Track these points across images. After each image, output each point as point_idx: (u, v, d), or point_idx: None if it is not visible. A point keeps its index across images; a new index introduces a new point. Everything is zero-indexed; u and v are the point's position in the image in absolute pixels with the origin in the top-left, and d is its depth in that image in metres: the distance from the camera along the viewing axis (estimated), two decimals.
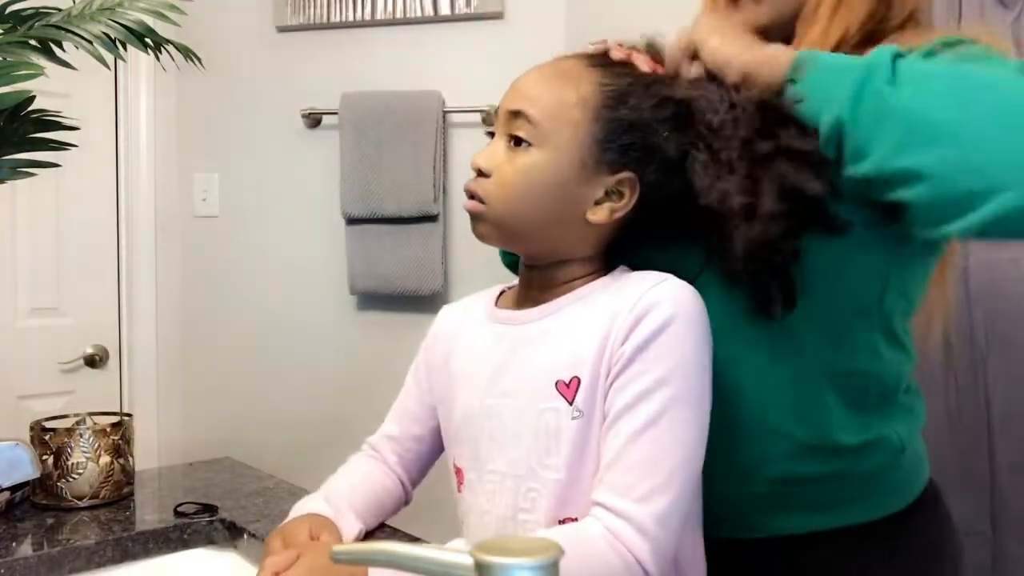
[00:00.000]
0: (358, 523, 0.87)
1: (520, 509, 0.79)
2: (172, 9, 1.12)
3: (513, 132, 0.81)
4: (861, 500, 0.87)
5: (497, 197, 0.81)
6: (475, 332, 0.88)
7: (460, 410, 0.87)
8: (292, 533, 0.81)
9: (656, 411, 0.73)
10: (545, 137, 0.79)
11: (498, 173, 0.81)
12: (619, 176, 0.80)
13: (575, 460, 0.76)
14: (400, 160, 2.02)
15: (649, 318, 0.75)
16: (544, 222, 0.81)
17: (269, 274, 2.21)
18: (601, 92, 0.80)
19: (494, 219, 0.82)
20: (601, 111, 0.79)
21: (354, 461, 0.98)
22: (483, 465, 0.83)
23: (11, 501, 1.10)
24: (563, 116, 0.79)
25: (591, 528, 0.72)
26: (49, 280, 2.11)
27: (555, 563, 0.43)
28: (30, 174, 1.11)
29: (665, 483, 0.72)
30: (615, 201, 0.81)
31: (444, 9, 2.06)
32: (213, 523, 1.08)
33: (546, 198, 0.80)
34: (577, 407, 0.76)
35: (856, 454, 0.85)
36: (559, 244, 0.83)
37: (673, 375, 0.74)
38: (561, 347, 0.79)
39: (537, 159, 0.79)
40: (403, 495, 0.98)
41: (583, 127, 0.79)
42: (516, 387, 0.81)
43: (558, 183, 0.79)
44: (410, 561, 0.50)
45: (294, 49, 2.19)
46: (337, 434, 2.12)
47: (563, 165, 0.79)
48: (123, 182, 2.21)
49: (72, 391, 2.12)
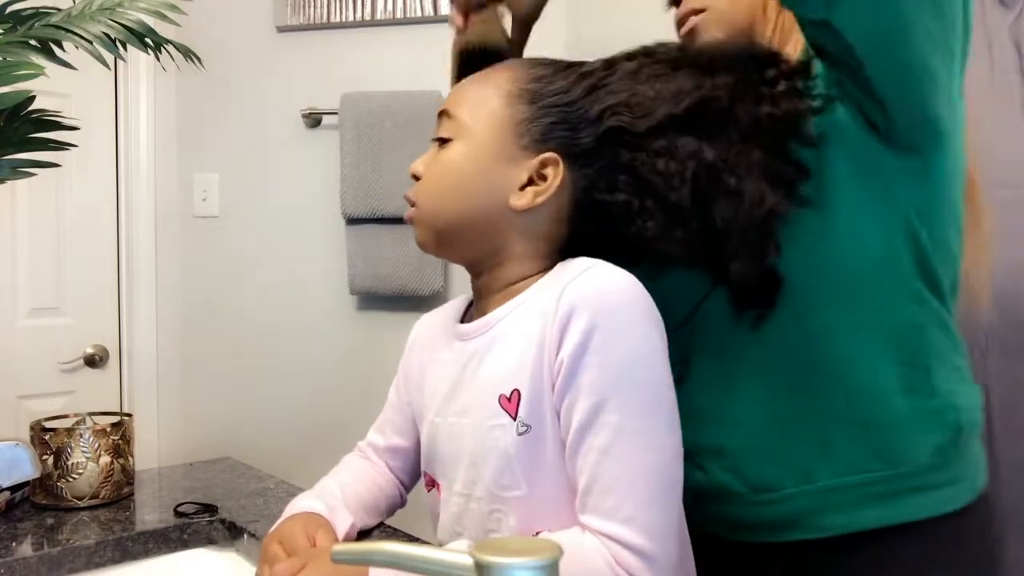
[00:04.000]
0: (350, 517, 0.87)
1: (489, 531, 0.77)
2: (172, 9, 1.12)
3: (440, 134, 0.82)
4: (923, 493, 0.82)
5: (424, 197, 0.82)
6: (440, 347, 0.87)
7: (427, 428, 0.86)
8: (288, 535, 0.81)
9: (617, 422, 0.69)
10: (464, 129, 0.79)
11: (426, 172, 0.82)
12: (542, 157, 0.78)
13: (532, 474, 0.74)
14: (400, 160, 2.01)
15: (573, 324, 0.70)
16: (470, 215, 0.79)
17: (269, 274, 2.21)
18: (518, 78, 0.80)
19: (425, 220, 0.82)
20: (519, 95, 0.79)
21: (346, 461, 0.99)
22: (450, 485, 0.82)
23: (11, 501, 1.10)
24: (481, 107, 0.79)
25: (590, 545, 0.69)
26: (49, 280, 2.11)
27: (555, 563, 0.43)
28: (30, 174, 1.11)
29: (649, 497, 0.69)
30: (538, 184, 0.78)
31: (444, 9, 2.06)
32: (213, 523, 1.08)
33: (468, 188, 0.79)
34: (522, 421, 0.73)
35: (912, 434, 0.82)
36: (489, 241, 0.80)
37: (619, 378, 0.70)
38: (501, 359, 0.77)
39: (457, 151, 0.79)
40: (397, 494, 0.98)
41: (500, 112, 0.79)
42: (469, 406, 0.79)
43: (478, 170, 0.79)
44: (410, 561, 0.50)
45: (294, 49, 2.19)
46: (337, 434, 2.13)
47: (481, 152, 0.79)
48: (123, 182, 2.21)
49: (72, 391, 2.12)
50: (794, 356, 0.83)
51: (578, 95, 0.79)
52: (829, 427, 0.82)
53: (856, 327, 0.82)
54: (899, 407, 0.82)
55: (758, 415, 0.85)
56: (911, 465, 0.81)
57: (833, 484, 0.82)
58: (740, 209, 0.75)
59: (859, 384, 0.82)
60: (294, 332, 2.19)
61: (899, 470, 0.81)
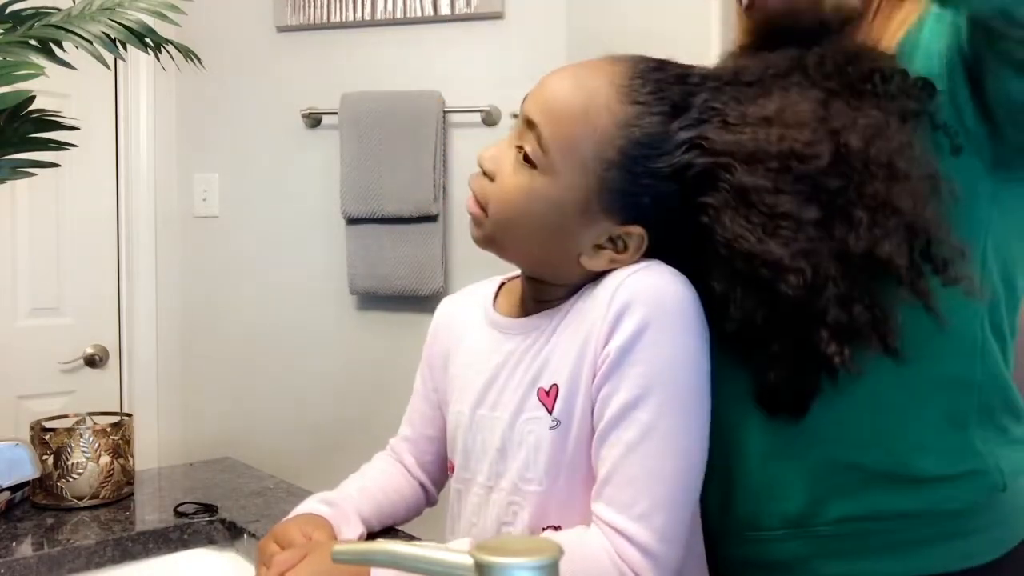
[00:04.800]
0: (360, 526, 0.87)
1: (503, 523, 0.78)
2: (172, 9, 1.12)
3: (523, 144, 0.75)
4: (942, 544, 0.74)
5: (496, 207, 0.76)
6: (473, 336, 0.86)
7: (453, 418, 0.86)
8: (284, 534, 0.81)
9: (649, 420, 0.69)
10: (551, 167, 0.73)
11: (500, 180, 0.76)
12: (627, 229, 0.74)
13: (552, 471, 0.75)
14: (400, 160, 2.02)
15: (627, 319, 0.70)
16: (538, 250, 0.77)
17: (269, 274, 2.21)
18: (622, 136, 0.72)
19: (488, 231, 0.78)
20: (617, 159, 0.72)
21: (375, 460, 0.98)
22: (472, 477, 0.82)
23: (11, 501, 1.10)
24: (575, 152, 0.72)
25: (593, 541, 0.70)
26: (49, 280, 2.11)
27: (555, 563, 0.43)
28: (30, 174, 1.11)
29: (665, 498, 0.69)
30: (617, 251, 0.75)
31: (444, 9, 2.06)
32: (213, 523, 1.08)
33: (543, 228, 0.75)
34: (555, 416, 0.74)
35: (942, 486, 0.74)
36: (548, 271, 0.79)
37: (662, 378, 0.70)
38: (545, 356, 0.77)
39: (540, 186, 0.73)
40: (423, 498, 0.97)
41: (594, 172, 0.72)
42: (504, 400, 0.79)
43: (557, 217, 0.74)
44: (411, 561, 0.50)
45: (294, 49, 2.19)
46: (337, 434, 2.13)
47: (565, 203, 0.73)
48: (123, 182, 2.21)
49: (72, 391, 2.12)
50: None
51: (686, 176, 0.72)
52: (839, 471, 0.75)
53: (904, 378, 0.72)
54: (928, 466, 0.74)
55: (759, 445, 0.78)
56: (926, 516, 0.74)
57: (832, 531, 0.76)
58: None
59: (890, 433, 0.74)
60: (294, 332, 2.19)
61: (911, 519, 0.74)
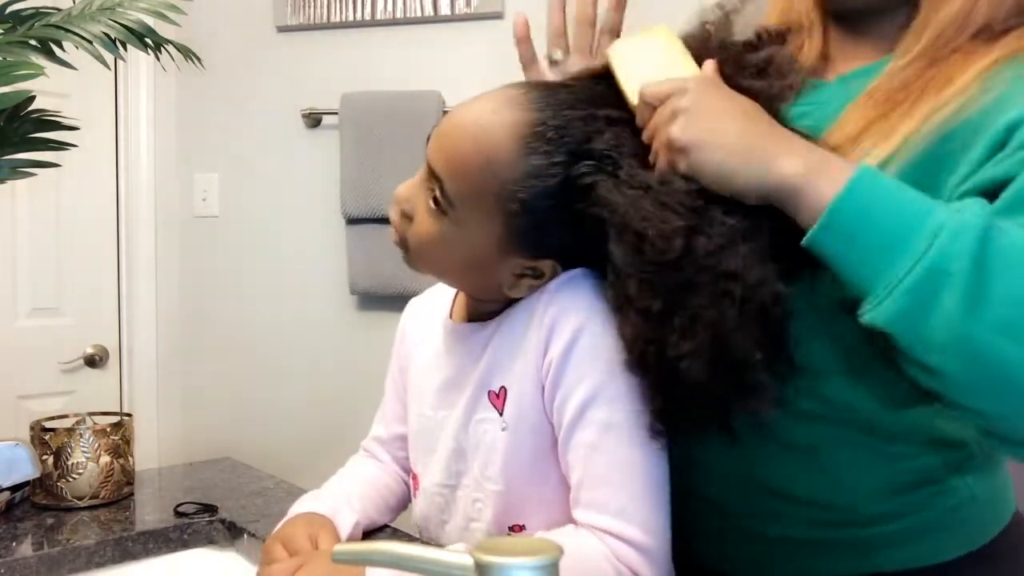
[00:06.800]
0: (354, 516, 0.87)
1: (471, 519, 0.79)
2: (172, 9, 1.12)
3: (432, 189, 0.74)
4: (921, 541, 0.74)
5: (414, 247, 0.77)
6: (433, 338, 0.87)
7: (414, 420, 0.87)
8: (291, 537, 0.81)
9: (605, 417, 0.70)
10: (458, 218, 0.73)
11: (416, 223, 0.76)
12: (539, 263, 0.74)
13: (508, 471, 0.75)
14: (400, 160, 2.02)
15: (561, 326, 0.72)
16: (461, 282, 0.81)
17: (269, 274, 2.21)
18: (524, 189, 0.71)
19: (415, 259, 0.79)
20: (520, 209, 0.71)
21: (351, 463, 0.99)
22: (433, 477, 0.83)
23: (11, 501, 1.10)
24: (479, 205, 0.72)
25: (589, 542, 0.70)
26: (49, 280, 2.11)
27: (555, 563, 0.43)
28: (30, 174, 1.11)
29: (640, 491, 0.70)
30: (536, 278, 0.75)
31: (444, 9, 2.06)
32: (213, 523, 1.08)
33: (462, 267, 0.77)
34: (504, 419, 0.75)
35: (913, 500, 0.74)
36: (478, 294, 0.81)
37: (608, 375, 0.71)
38: (492, 360, 0.78)
39: (450, 233, 0.74)
40: (406, 489, 0.98)
41: (499, 222, 0.72)
42: (458, 400, 0.80)
43: (472, 259, 0.75)
44: (410, 561, 0.50)
45: (294, 49, 2.19)
46: (337, 433, 2.13)
47: (476, 248, 0.74)
48: (123, 182, 2.21)
49: (72, 391, 2.12)
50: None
51: (575, 194, 0.70)
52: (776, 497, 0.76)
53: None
54: (878, 509, 0.74)
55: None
56: (914, 517, 0.74)
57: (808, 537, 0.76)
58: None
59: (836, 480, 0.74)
60: (294, 332, 2.19)
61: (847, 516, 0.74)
